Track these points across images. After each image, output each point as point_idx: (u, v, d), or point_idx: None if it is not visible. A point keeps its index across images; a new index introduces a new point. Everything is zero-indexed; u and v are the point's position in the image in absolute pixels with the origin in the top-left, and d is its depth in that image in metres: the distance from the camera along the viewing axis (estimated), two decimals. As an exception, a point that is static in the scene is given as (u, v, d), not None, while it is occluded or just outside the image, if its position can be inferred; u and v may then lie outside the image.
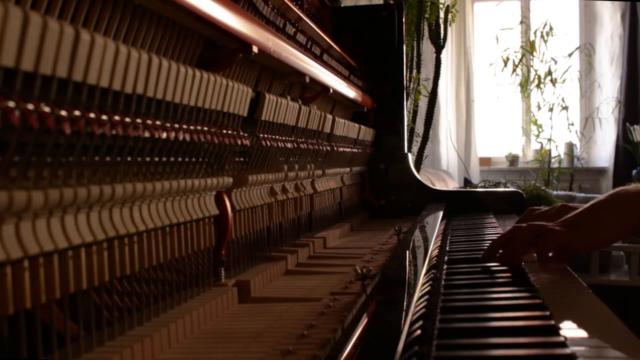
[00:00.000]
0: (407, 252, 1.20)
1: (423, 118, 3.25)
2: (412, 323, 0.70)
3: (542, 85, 5.81)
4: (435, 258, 1.12)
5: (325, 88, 1.49)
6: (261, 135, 1.07)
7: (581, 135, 6.03)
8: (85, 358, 0.61)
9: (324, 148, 1.49)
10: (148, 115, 0.70)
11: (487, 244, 1.34)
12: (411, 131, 3.02)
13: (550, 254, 1.05)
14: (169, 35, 0.82)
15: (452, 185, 4.62)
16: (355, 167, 1.93)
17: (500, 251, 1.09)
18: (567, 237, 1.03)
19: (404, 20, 2.23)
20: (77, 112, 0.57)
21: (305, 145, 1.32)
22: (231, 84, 0.89)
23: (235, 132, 0.93)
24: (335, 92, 1.56)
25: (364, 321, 0.73)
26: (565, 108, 5.83)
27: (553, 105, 5.83)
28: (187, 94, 0.77)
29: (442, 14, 3.28)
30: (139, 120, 0.67)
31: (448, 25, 3.30)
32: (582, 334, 0.72)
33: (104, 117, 0.61)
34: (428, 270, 1.00)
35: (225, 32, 0.88)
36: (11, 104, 0.49)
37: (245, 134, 0.97)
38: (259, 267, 1.08)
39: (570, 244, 1.04)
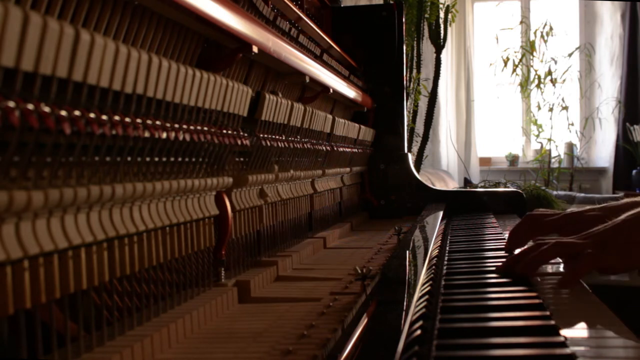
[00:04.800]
0: (407, 252, 1.20)
1: (423, 118, 3.25)
2: (412, 323, 0.70)
3: (542, 85, 5.82)
4: (435, 258, 1.12)
5: (325, 88, 1.49)
6: (261, 135, 1.07)
7: (581, 135, 6.03)
8: (85, 358, 0.61)
9: (324, 148, 1.49)
10: (148, 115, 0.70)
11: (488, 245, 1.34)
12: (411, 131, 3.02)
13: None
14: (169, 35, 0.82)
15: (452, 185, 4.63)
16: (355, 167, 1.93)
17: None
18: (602, 260, 0.96)
19: (404, 20, 2.23)
20: (77, 112, 0.57)
21: (305, 145, 1.32)
22: (231, 84, 0.89)
23: (235, 132, 0.93)
24: (335, 92, 1.56)
25: (364, 321, 0.73)
26: (565, 108, 5.84)
27: (553, 105, 5.83)
28: (187, 94, 0.77)
29: (442, 14, 3.28)
30: (139, 120, 0.67)
31: (448, 25, 3.30)
32: (582, 334, 0.72)
33: (104, 117, 0.61)
34: (428, 270, 1.00)
35: (225, 32, 0.88)
36: (11, 104, 0.49)
37: (245, 134, 0.97)
38: (259, 268, 1.08)
39: (605, 268, 0.96)
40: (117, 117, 0.63)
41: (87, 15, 0.67)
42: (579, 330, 0.73)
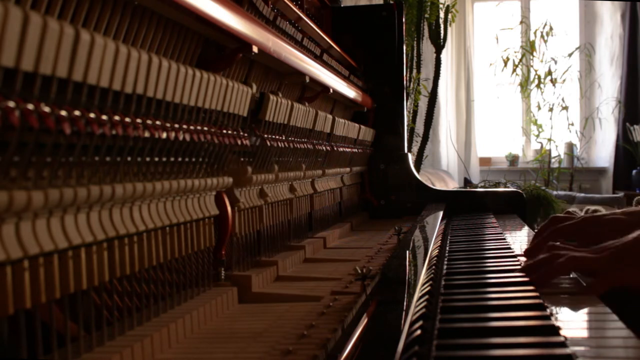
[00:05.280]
0: (407, 252, 1.20)
1: (423, 118, 3.25)
2: (412, 323, 0.70)
3: (542, 85, 5.82)
4: (435, 258, 1.12)
5: (325, 88, 1.49)
6: (265, 136, 1.07)
7: (581, 135, 6.04)
8: (85, 358, 0.61)
9: (324, 148, 1.49)
10: (148, 115, 0.70)
11: (488, 245, 1.34)
12: (411, 131, 3.02)
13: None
14: (169, 35, 0.82)
15: (452, 185, 4.63)
16: (355, 167, 1.93)
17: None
18: (621, 278, 0.93)
19: (404, 20, 2.23)
20: (77, 112, 0.57)
21: (305, 145, 1.32)
22: (231, 84, 0.89)
23: (235, 132, 0.93)
24: (335, 92, 1.56)
25: (364, 321, 0.73)
26: (565, 108, 5.84)
27: (553, 105, 5.83)
28: (187, 94, 0.77)
29: (442, 14, 3.28)
30: (139, 120, 0.67)
31: (448, 25, 3.30)
32: (582, 334, 0.72)
33: (104, 117, 0.61)
34: (428, 270, 1.00)
35: (225, 32, 0.88)
36: (11, 104, 0.49)
37: (245, 134, 0.97)
38: (259, 268, 1.08)
39: (623, 283, 0.94)
40: (117, 117, 0.63)
41: (87, 15, 0.67)
42: (579, 330, 0.73)
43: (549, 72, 5.82)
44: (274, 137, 1.13)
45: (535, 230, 1.29)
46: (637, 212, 1.19)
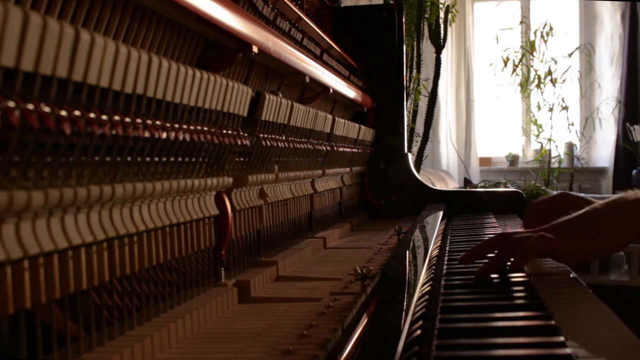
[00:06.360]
0: (407, 252, 1.20)
1: (423, 118, 3.25)
2: (412, 323, 0.70)
3: (542, 85, 5.81)
4: (435, 258, 1.12)
5: (325, 88, 1.49)
6: (261, 135, 1.07)
7: (581, 135, 6.03)
8: (85, 358, 0.61)
9: (324, 148, 1.49)
10: (148, 115, 0.70)
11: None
12: (411, 131, 3.02)
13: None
14: (169, 35, 0.82)
15: (452, 185, 4.62)
16: (355, 167, 1.93)
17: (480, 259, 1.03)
18: (559, 246, 0.95)
19: (404, 20, 2.23)
20: (77, 112, 0.57)
21: (305, 145, 1.32)
22: (231, 84, 0.89)
23: (235, 132, 0.93)
24: (335, 92, 1.56)
25: (364, 321, 0.73)
26: (565, 108, 5.83)
27: (553, 105, 5.83)
28: (187, 94, 0.77)
29: (442, 14, 3.28)
30: (139, 120, 0.67)
31: (448, 25, 3.30)
32: (582, 334, 0.72)
33: (104, 117, 0.61)
34: (428, 270, 1.00)
35: (225, 32, 0.88)
36: (11, 104, 0.49)
37: (245, 134, 0.97)
38: (259, 268, 1.08)
39: (562, 255, 0.96)
40: (117, 117, 0.63)
41: (87, 15, 0.67)
42: (579, 331, 0.73)
43: (549, 72, 5.82)
44: (272, 137, 1.13)
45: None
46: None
